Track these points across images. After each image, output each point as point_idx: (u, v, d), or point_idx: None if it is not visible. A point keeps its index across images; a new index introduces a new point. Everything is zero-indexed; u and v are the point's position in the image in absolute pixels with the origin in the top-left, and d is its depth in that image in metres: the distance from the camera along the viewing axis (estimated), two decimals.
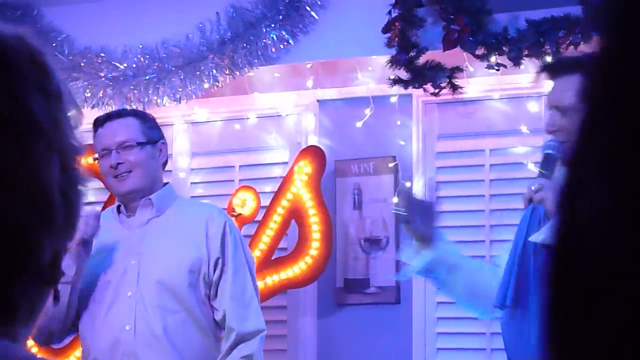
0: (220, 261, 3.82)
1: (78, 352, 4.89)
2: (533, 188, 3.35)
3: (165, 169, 4.66)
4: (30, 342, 5.06)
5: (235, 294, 3.84)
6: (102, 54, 5.15)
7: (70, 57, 5.19)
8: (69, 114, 1.13)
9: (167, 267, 3.85)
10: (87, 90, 5.11)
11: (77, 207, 1.13)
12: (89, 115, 4.92)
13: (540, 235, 3.30)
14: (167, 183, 4.13)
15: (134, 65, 5.09)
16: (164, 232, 3.93)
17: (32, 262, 1.05)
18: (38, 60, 1.11)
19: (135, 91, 5.09)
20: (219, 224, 3.88)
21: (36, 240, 1.05)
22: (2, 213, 1.04)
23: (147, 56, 5.10)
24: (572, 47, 4.39)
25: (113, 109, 4.93)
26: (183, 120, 5.20)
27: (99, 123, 3.94)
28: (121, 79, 5.11)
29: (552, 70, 3.48)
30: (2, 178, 1.05)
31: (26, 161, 1.06)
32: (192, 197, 5.18)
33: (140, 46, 5.10)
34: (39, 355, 1.18)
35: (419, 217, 3.55)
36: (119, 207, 3.96)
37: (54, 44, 5.25)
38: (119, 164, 3.79)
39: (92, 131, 4.34)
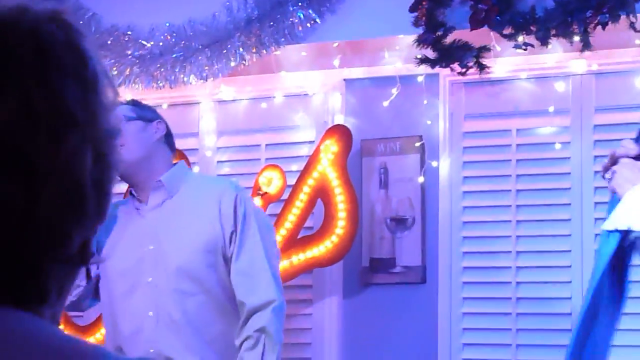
0: (234, 235, 3.88)
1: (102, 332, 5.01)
2: (606, 176, 3.19)
3: (189, 147, 4.95)
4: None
5: (243, 267, 3.86)
6: (128, 32, 5.20)
7: (97, 36, 5.22)
8: (105, 97, 1.13)
9: (184, 251, 3.90)
10: (114, 69, 5.18)
11: (108, 193, 1.14)
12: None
13: (605, 223, 3.17)
14: (177, 163, 4.18)
15: (161, 44, 5.13)
16: (179, 213, 3.97)
17: (62, 252, 1.07)
18: (74, 44, 1.10)
19: (162, 69, 5.14)
20: (230, 198, 3.90)
21: (66, 232, 1.07)
22: (34, 207, 1.05)
23: (174, 34, 5.13)
24: (599, 27, 4.33)
25: (140, 88, 5.16)
26: (210, 98, 5.22)
27: None
28: (148, 57, 5.16)
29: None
30: (36, 172, 1.06)
31: (60, 155, 1.07)
32: (219, 175, 5.18)
33: (167, 24, 5.13)
34: (66, 332, 1.13)
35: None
36: (131, 191, 4.03)
37: (80, 22, 5.29)
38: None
39: None
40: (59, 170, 1.07)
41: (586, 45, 4.50)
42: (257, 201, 4.75)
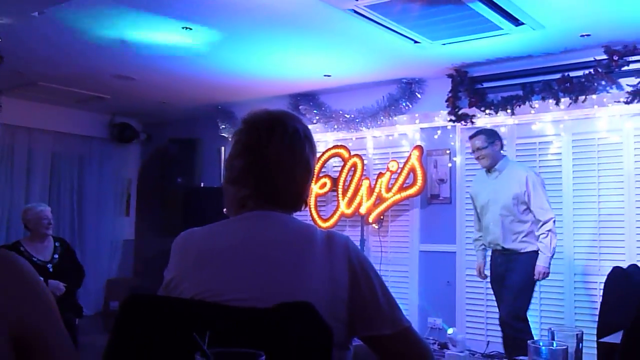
0: (529, 192, 4.24)
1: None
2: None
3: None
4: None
5: (538, 204, 4.23)
6: (340, 111, 6.18)
7: (326, 114, 6.26)
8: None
9: (505, 196, 4.30)
10: (335, 126, 6.12)
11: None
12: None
13: None
14: (505, 156, 4.55)
15: (350, 117, 6.05)
16: (504, 180, 4.36)
17: (304, 202, 1.44)
18: (309, 134, 1.46)
19: (352, 127, 6.09)
20: (529, 173, 4.29)
21: (304, 198, 1.45)
22: (304, 190, 1.44)
23: (356, 113, 6.03)
24: (521, 107, 5.10)
25: (344, 132, 6.03)
26: (370, 135, 6.01)
27: (472, 136, 4.48)
28: (345, 121, 6.12)
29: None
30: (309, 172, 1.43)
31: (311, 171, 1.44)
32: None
33: (355, 109, 6.04)
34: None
35: None
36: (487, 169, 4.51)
37: (322, 108, 6.30)
38: (478, 156, 4.36)
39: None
40: (311, 171, 1.44)
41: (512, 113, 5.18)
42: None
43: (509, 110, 5.26)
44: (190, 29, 4.65)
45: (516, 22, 4.28)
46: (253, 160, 1.38)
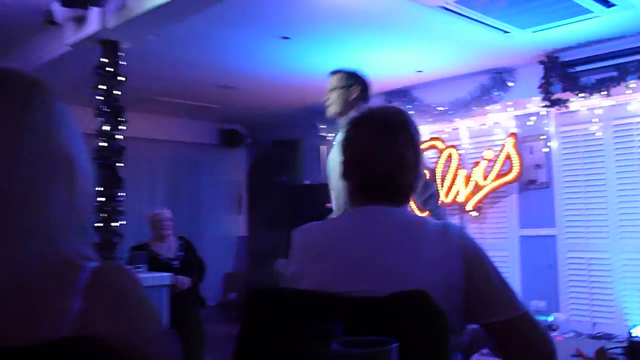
0: None
1: None
2: None
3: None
4: None
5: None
6: (432, 104, 6.12)
7: (419, 108, 6.19)
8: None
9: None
10: (428, 119, 6.09)
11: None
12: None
13: None
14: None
15: (442, 109, 5.98)
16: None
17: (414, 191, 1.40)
18: (415, 127, 1.44)
19: (445, 121, 6.05)
20: None
21: (413, 187, 1.40)
22: (413, 185, 1.40)
23: (449, 105, 5.94)
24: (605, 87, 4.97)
25: (431, 125, 5.96)
26: (464, 126, 6.01)
27: (331, 72, 3.22)
28: (437, 114, 6.02)
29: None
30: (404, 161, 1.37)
31: (417, 158, 1.39)
32: None
33: (446, 102, 5.99)
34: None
35: None
36: None
37: (415, 103, 6.24)
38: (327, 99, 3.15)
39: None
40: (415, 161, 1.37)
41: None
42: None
43: (603, 92, 5.09)
44: (289, 37, 4.78)
45: (607, 3, 4.19)
46: (363, 156, 1.37)
